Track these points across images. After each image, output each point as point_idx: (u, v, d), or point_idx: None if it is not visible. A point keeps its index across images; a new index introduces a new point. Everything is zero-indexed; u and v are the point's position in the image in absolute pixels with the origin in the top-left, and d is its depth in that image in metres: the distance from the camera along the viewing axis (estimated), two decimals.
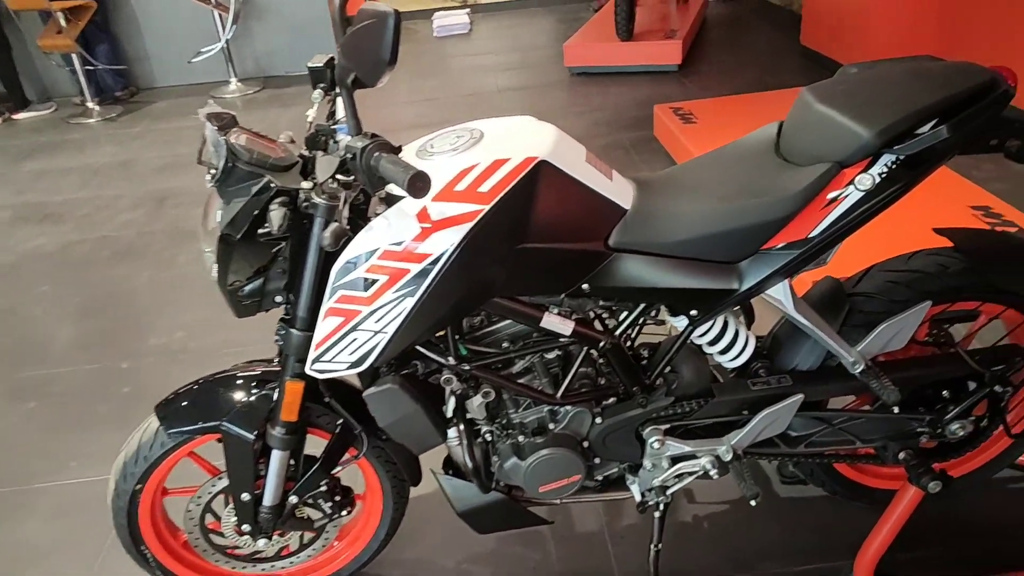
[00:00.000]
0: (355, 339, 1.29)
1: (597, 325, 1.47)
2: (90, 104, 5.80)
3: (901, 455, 1.57)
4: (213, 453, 1.58)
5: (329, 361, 1.32)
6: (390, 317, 1.26)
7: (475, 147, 1.29)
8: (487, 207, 1.22)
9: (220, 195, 1.28)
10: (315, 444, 1.58)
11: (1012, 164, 1.41)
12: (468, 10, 7.95)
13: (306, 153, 1.35)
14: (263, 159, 1.25)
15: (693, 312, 1.42)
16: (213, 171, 1.25)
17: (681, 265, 1.36)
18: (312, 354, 1.32)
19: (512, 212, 1.25)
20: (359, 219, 1.33)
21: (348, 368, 1.32)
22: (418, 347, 1.40)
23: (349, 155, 1.14)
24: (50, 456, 2.34)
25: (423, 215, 1.22)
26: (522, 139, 1.30)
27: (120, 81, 6.09)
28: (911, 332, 1.45)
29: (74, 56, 5.65)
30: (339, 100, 1.37)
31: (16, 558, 1.99)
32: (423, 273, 1.23)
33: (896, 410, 1.55)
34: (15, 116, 5.75)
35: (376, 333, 1.28)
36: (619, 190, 1.37)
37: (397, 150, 1.16)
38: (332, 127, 1.30)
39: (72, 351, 2.86)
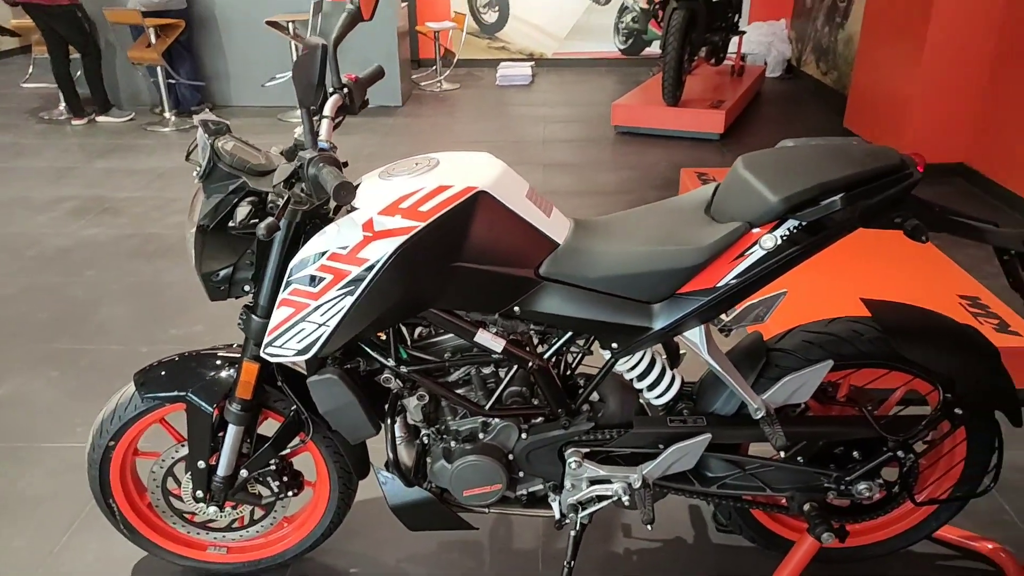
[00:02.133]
0: (302, 329, 1.47)
1: (532, 348, 1.61)
2: (167, 114, 6.25)
3: (805, 506, 1.65)
4: (182, 424, 1.77)
5: (280, 347, 1.50)
6: (332, 313, 1.44)
7: (428, 173, 1.47)
8: (422, 224, 1.39)
9: (204, 191, 1.48)
10: (272, 429, 1.75)
11: (1010, 284, 1.51)
12: (532, 63, 8.28)
13: (286, 164, 1.55)
14: (242, 163, 1.46)
15: (614, 345, 1.56)
16: (198, 169, 1.46)
17: (602, 300, 1.51)
18: (266, 339, 1.50)
19: (447, 232, 1.42)
20: (324, 225, 1.52)
21: (295, 355, 1.50)
22: (362, 345, 1.57)
23: (298, 163, 1.33)
24: (60, 420, 2.57)
25: (368, 225, 1.40)
26: (470, 171, 1.48)
27: (197, 96, 6.55)
28: (814, 386, 1.55)
29: (159, 69, 6.12)
30: (324, 122, 1.57)
31: (13, 504, 2.21)
32: (361, 276, 1.40)
33: (804, 462, 1.64)
34: (98, 118, 6.23)
35: (320, 326, 1.45)
36: (554, 225, 1.53)
37: (340, 165, 1.35)
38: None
39: (102, 331, 3.13)
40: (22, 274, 3.64)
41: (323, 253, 1.42)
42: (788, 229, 1.41)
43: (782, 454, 1.63)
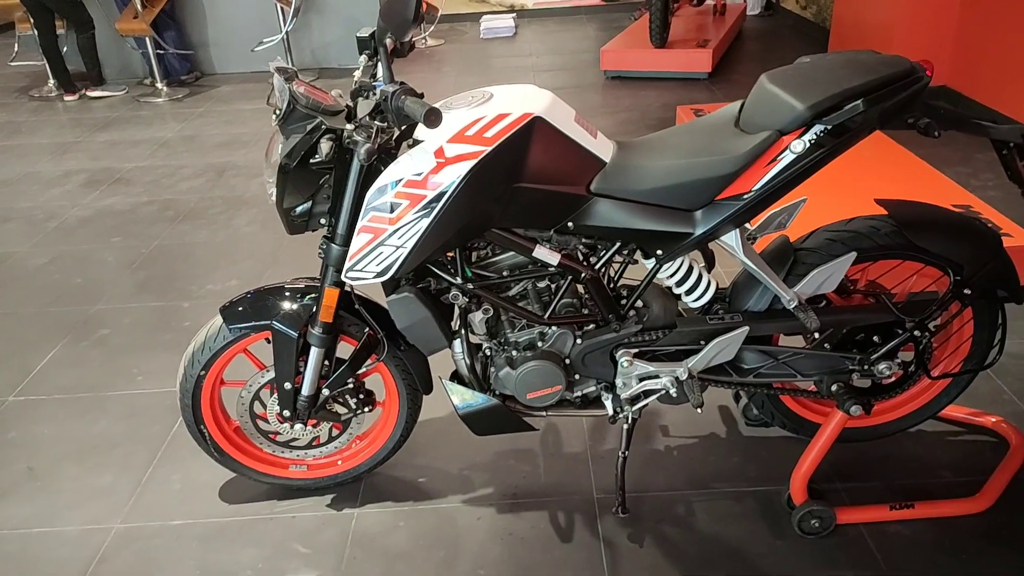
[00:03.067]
0: (381, 252, 1.63)
1: (581, 260, 1.78)
2: (159, 85, 6.28)
3: (833, 387, 1.85)
4: (262, 353, 1.93)
5: (360, 270, 1.66)
6: (409, 235, 1.60)
7: (485, 104, 1.62)
8: (489, 148, 1.55)
9: (282, 132, 1.63)
10: (347, 353, 1.92)
11: (1008, 177, 1.68)
12: (515, 15, 8.32)
13: (350, 103, 1.69)
14: (317, 104, 1.60)
15: (659, 252, 1.73)
16: (277, 112, 1.60)
17: (647, 210, 1.67)
18: (347, 264, 1.66)
19: (509, 155, 1.57)
20: (390, 160, 1.67)
21: (375, 277, 1.66)
22: (431, 266, 1.73)
23: (382, 98, 1.48)
24: (120, 371, 2.73)
25: (439, 152, 1.55)
26: (523, 100, 1.63)
27: (186, 65, 6.57)
28: (839, 278, 1.74)
29: (147, 40, 6.13)
30: (380, 64, 1.71)
31: (93, 447, 2.37)
32: (436, 199, 1.56)
33: (830, 348, 1.84)
34: (90, 92, 6.25)
35: (398, 248, 1.61)
36: (601, 146, 1.69)
37: (420, 95, 1.50)
38: (372, 83, 1.64)
39: (139, 291, 3.26)
40: (48, 244, 3.75)
41: (399, 181, 1.57)
42: (815, 133, 1.58)
43: (817, 336, 1.82)
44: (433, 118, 1.36)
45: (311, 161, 1.61)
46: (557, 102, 1.67)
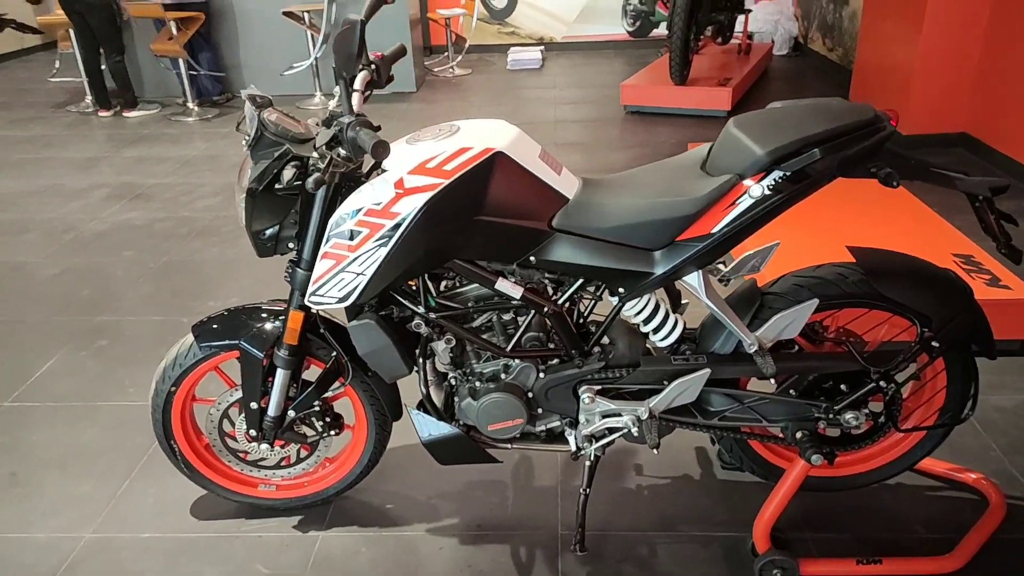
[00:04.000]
0: (342, 279, 1.65)
1: (548, 294, 1.79)
2: (190, 105, 6.46)
3: (798, 434, 1.82)
4: (233, 372, 1.96)
5: (323, 295, 1.69)
6: (368, 263, 1.63)
7: (451, 137, 1.65)
8: (447, 181, 1.58)
9: (251, 158, 1.67)
10: (315, 376, 1.94)
11: (983, 230, 1.66)
12: (543, 47, 8.42)
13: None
14: (285, 132, 1.64)
15: (621, 290, 1.74)
16: (247, 138, 1.64)
17: (609, 248, 1.68)
18: (310, 288, 1.69)
19: (468, 188, 1.60)
20: (356, 186, 1.70)
21: (337, 302, 1.69)
22: (394, 294, 1.76)
23: (338, 128, 1.52)
24: (113, 383, 2.79)
25: (399, 183, 1.58)
26: (488, 135, 1.66)
27: (218, 87, 6.76)
28: (801, 323, 1.72)
29: (181, 61, 6.33)
30: (355, 95, 1.75)
31: (77, 455, 2.42)
32: (393, 229, 1.59)
33: (797, 395, 1.82)
34: (126, 114, 6.44)
35: (358, 275, 1.64)
36: (565, 183, 1.71)
37: (376, 128, 1.53)
38: (340, 112, 1.68)
39: (143, 304, 3.34)
40: (62, 256, 3.86)
41: (359, 209, 1.60)
42: (774, 179, 1.58)
43: (774, 384, 1.80)
44: (380, 150, 1.39)
45: (275, 187, 1.65)
46: (523, 137, 1.70)
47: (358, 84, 1.71)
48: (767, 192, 1.58)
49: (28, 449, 2.45)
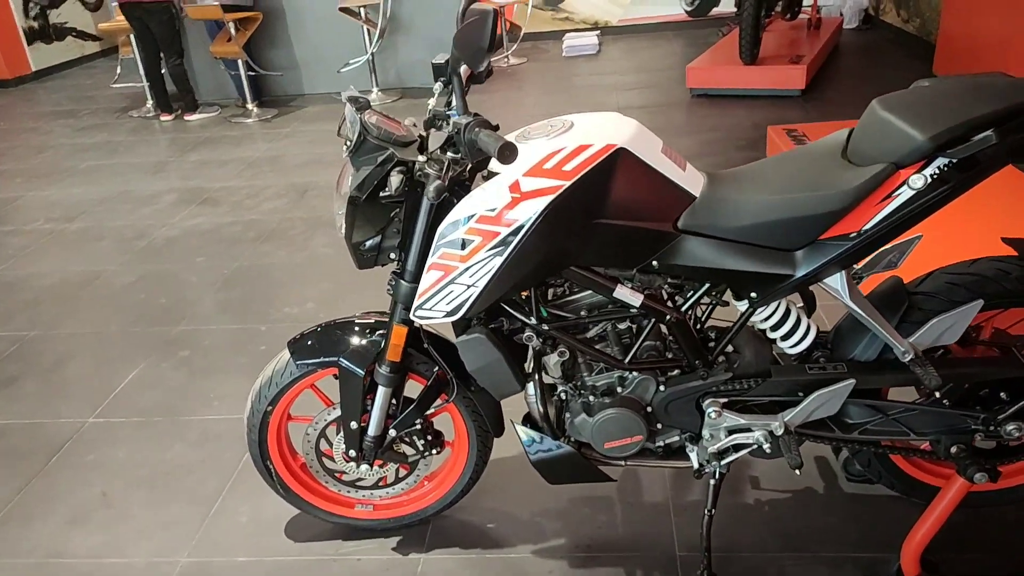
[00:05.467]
0: (451, 291, 1.53)
1: (669, 301, 1.64)
2: (250, 106, 6.44)
3: (953, 449, 1.64)
4: (330, 389, 1.86)
5: (429, 309, 1.56)
6: (481, 273, 1.50)
7: (565, 134, 1.51)
8: (568, 183, 1.44)
9: (352, 164, 1.55)
10: (416, 390, 1.83)
11: None
12: (598, 32, 8.20)
13: (424, 133, 1.61)
14: (388, 135, 1.52)
15: (753, 295, 1.58)
16: (348, 143, 1.53)
17: (742, 249, 1.52)
18: (416, 302, 1.57)
19: (590, 189, 1.46)
20: (463, 192, 1.57)
21: (444, 316, 1.56)
22: (504, 305, 1.63)
23: (455, 130, 1.38)
24: (197, 395, 2.73)
25: (515, 187, 1.45)
26: (606, 129, 1.51)
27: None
28: (962, 328, 1.54)
29: (239, 62, 6.30)
30: (453, 92, 1.62)
31: (166, 473, 2.36)
32: (510, 236, 1.45)
33: (950, 405, 1.64)
34: (187, 117, 6.45)
35: (469, 287, 1.51)
36: (690, 179, 1.55)
37: (495, 128, 1.40)
38: (446, 112, 1.56)
39: (219, 313, 3.28)
40: (136, 263, 3.84)
41: (471, 216, 1.47)
42: (938, 168, 1.40)
43: (937, 395, 1.62)
44: (508, 153, 1.26)
45: (381, 194, 1.53)
46: (643, 131, 1.55)
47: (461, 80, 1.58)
48: (930, 182, 1.40)
49: (116, 467, 2.40)
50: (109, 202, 4.74)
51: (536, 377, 1.71)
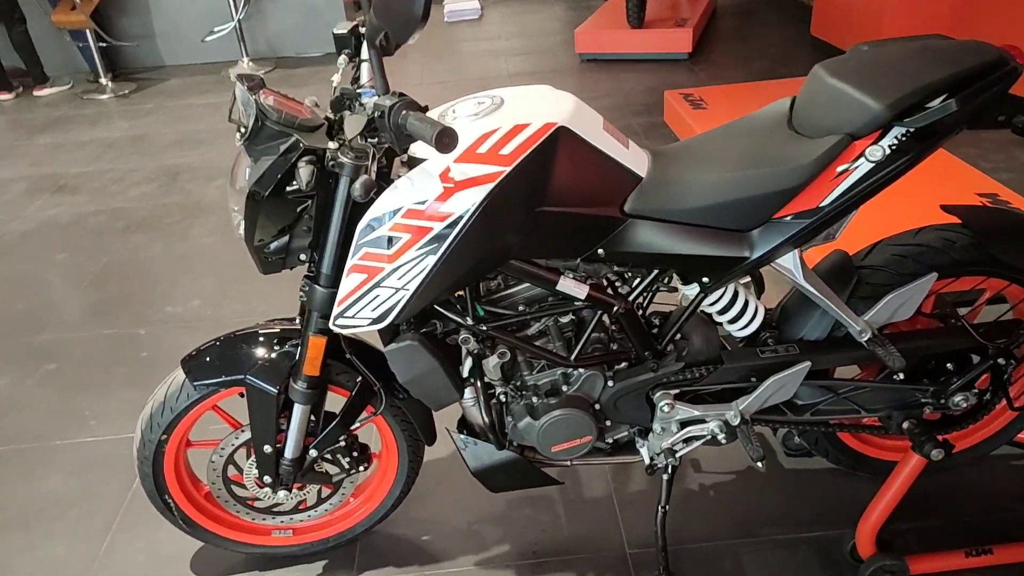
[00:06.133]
0: (377, 295, 1.34)
1: (615, 291, 1.51)
2: (103, 80, 5.83)
3: (905, 424, 1.61)
4: (235, 408, 1.63)
5: (352, 317, 1.36)
6: (412, 275, 1.31)
7: (496, 112, 1.33)
8: (508, 168, 1.27)
9: (248, 154, 1.32)
10: (334, 402, 1.63)
11: (1018, 155, 1.44)
12: None
13: (331, 116, 1.39)
14: (291, 119, 1.30)
15: (704, 279, 1.47)
16: (243, 129, 1.29)
17: (693, 232, 1.41)
18: (336, 310, 1.37)
19: (531, 175, 1.29)
20: (382, 181, 1.37)
21: (370, 324, 1.37)
22: (437, 307, 1.45)
23: (377, 113, 1.18)
24: (70, 415, 2.40)
25: (446, 176, 1.26)
26: (542, 105, 1.35)
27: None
28: (917, 303, 1.49)
29: (88, 32, 5.68)
30: (363, 66, 1.41)
31: (41, 510, 2.05)
32: (445, 231, 1.27)
33: (900, 380, 1.60)
34: (36, 92, 5.77)
35: (398, 290, 1.32)
36: (635, 158, 1.42)
37: (424, 109, 1.20)
38: (356, 90, 1.35)
39: (89, 317, 2.92)
40: None
41: (397, 210, 1.28)
42: (896, 137, 1.32)
43: (900, 376, 1.57)
44: (447, 141, 1.07)
45: (288, 189, 1.31)
46: (582, 106, 1.39)
47: (365, 53, 1.37)
48: (889, 153, 1.32)
49: None
50: None
51: (474, 382, 1.54)
